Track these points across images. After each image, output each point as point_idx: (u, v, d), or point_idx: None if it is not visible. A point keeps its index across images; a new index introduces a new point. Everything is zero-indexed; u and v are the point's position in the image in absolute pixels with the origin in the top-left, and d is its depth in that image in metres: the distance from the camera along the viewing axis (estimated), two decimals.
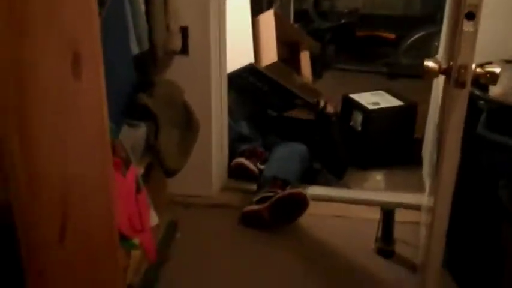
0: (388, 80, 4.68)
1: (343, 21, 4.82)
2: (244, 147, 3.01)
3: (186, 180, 2.39)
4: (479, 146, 1.93)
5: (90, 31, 1.09)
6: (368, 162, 3.36)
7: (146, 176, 2.04)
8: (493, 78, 1.51)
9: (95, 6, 1.11)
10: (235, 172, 2.95)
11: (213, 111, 2.65)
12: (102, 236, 1.24)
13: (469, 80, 1.48)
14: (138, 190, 1.73)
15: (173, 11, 2.31)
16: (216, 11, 2.51)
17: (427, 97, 3.10)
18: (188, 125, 2.16)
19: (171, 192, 2.54)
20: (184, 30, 2.44)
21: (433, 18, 5.16)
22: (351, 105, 3.50)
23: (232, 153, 3.00)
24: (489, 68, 1.51)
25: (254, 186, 2.82)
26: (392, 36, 5.19)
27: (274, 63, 3.26)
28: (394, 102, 3.50)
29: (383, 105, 3.44)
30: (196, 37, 2.49)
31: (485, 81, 1.54)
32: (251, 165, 2.92)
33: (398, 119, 3.48)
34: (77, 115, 1.09)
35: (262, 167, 2.96)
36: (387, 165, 3.36)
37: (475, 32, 1.45)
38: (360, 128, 3.41)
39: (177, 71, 2.49)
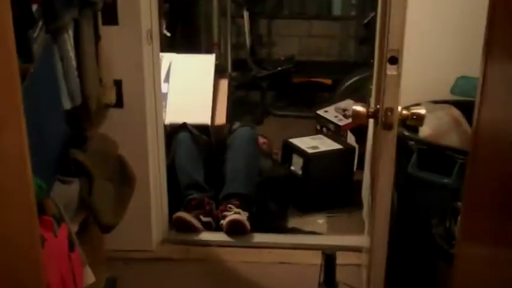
0: None
1: (279, 68, 4.89)
2: (193, 195, 2.99)
3: (124, 235, 2.34)
4: (412, 185, 1.96)
5: (11, 92, 1.07)
6: (309, 206, 3.36)
7: (81, 232, 1.99)
8: (419, 119, 1.56)
9: (15, 65, 1.09)
10: (177, 225, 2.92)
11: (150, 163, 2.62)
12: None
13: (395, 121, 1.52)
14: (71, 248, 1.68)
15: (106, 64, 2.30)
16: (150, 64, 2.52)
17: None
18: (123, 179, 2.13)
19: (109, 247, 2.48)
20: (118, 83, 2.43)
21: (367, 63, 5.31)
22: (291, 150, 3.52)
23: (181, 198, 2.98)
24: (415, 110, 1.55)
25: (196, 237, 2.80)
26: (328, 81, 5.27)
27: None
28: (333, 145, 3.54)
29: (322, 148, 3.48)
30: (131, 90, 2.48)
31: (411, 122, 1.58)
32: (192, 220, 2.89)
33: (337, 162, 3.52)
34: None
35: (206, 219, 2.94)
36: (328, 208, 3.37)
37: (399, 75, 1.50)
38: (300, 172, 3.43)
39: (112, 125, 2.47)
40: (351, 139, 3.97)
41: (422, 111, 1.55)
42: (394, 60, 1.48)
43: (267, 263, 2.67)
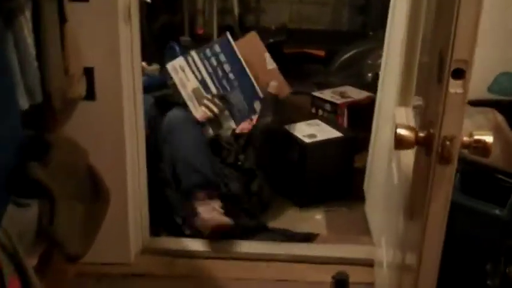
0: None
1: (271, 40, 4.45)
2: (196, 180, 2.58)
3: (98, 246, 1.94)
4: (453, 214, 1.59)
5: None
6: (306, 200, 3.06)
7: (44, 263, 1.62)
8: (485, 150, 1.18)
9: None
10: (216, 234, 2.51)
11: (127, 164, 2.22)
12: None
13: (456, 154, 1.15)
14: None
15: (73, 50, 1.89)
16: (128, 47, 2.10)
17: None
18: (95, 196, 1.75)
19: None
20: (89, 72, 2.02)
21: (363, 34, 4.93)
22: (286, 138, 3.16)
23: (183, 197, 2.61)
24: (479, 136, 1.18)
25: (180, 246, 2.45)
26: (321, 53, 4.89)
27: None
28: (332, 133, 3.19)
29: (320, 137, 3.13)
30: (105, 79, 2.07)
31: (474, 152, 1.21)
32: (230, 221, 2.50)
33: (337, 152, 3.19)
34: None
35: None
36: (326, 200, 3.08)
37: (465, 94, 1.11)
38: (296, 163, 3.08)
39: (82, 121, 2.07)
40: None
41: (489, 138, 1.17)
42: (460, 74, 1.10)
43: (264, 280, 2.30)
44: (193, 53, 3.17)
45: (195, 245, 2.48)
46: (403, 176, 1.59)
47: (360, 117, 3.58)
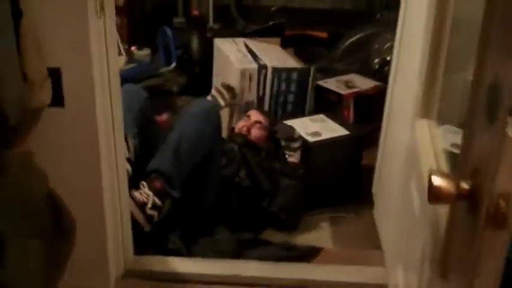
0: None
1: (271, 23, 4.13)
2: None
3: (73, 271, 1.66)
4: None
5: None
6: (309, 206, 2.78)
7: None
8: None
9: None
10: None
11: (103, 176, 1.91)
12: None
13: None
14: None
15: (34, 50, 1.58)
16: (101, 44, 1.76)
17: None
18: (57, 228, 1.46)
19: None
20: (54, 73, 1.70)
21: (368, 14, 4.61)
22: None
23: None
24: None
25: (167, 268, 2.16)
26: (324, 35, 4.58)
27: None
28: (338, 130, 2.93)
29: (325, 135, 2.87)
30: (74, 82, 1.74)
31: None
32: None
33: (343, 152, 2.92)
34: None
35: None
36: (331, 205, 2.83)
37: None
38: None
39: (49, 133, 1.76)
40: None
41: None
42: None
43: None
44: (269, 66, 3.19)
45: (184, 265, 2.18)
46: (429, 217, 1.30)
47: (367, 109, 3.32)
